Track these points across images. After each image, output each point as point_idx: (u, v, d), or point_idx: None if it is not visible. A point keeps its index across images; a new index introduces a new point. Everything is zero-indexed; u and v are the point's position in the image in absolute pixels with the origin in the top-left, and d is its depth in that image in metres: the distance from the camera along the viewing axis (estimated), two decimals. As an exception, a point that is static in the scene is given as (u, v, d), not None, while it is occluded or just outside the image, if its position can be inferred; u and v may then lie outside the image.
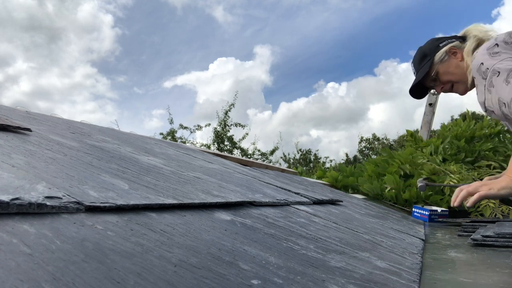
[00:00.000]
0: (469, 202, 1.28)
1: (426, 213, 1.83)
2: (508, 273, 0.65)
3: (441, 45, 1.64)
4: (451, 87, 1.63)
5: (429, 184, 1.97)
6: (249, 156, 10.50)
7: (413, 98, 1.72)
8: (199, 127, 10.82)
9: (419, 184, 1.91)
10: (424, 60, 1.68)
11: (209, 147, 9.38)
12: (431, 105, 4.37)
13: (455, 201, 1.33)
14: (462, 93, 1.62)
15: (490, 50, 1.34)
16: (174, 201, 0.51)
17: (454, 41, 1.63)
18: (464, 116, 3.33)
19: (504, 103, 1.28)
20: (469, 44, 1.55)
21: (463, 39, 1.61)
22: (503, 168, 2.46)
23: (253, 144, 11.14)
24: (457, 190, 1.35)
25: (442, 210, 1.87)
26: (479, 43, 1.51)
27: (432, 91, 1.71)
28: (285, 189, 1.07)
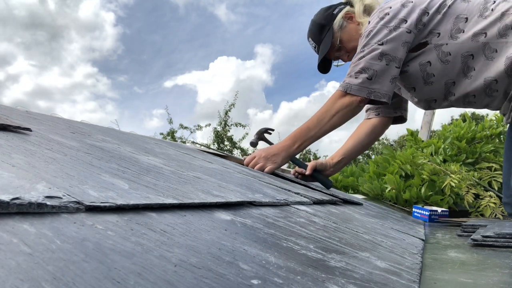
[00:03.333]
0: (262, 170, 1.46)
1: (426, 213, 1.83)
2: (508, 274, 0.65)
3: (334, 12, 1.65)
4: None
5: (260, 138, 1.87)
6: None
7: (322, 74, 1.72)
8: (199, 127, 10.82)
9: (251, 141, 1.89)
10: (323, 31, 1.65)
11: (209, 147, 9.39)
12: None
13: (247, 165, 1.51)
14: None
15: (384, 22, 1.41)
16: (174, 201, 0.51)
17: (344, 7, 1.65)
18: (464, 117, 3.33)
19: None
20: (358, 7, 1.61)
21: (349, 4, 1.65)
22: (504, 169, 2.46)
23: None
24: (245, 162, 1.53)
25: (442, 210, 1.87)
26: (365, 5, 1.59)
27: (335, 62, 1.71)
28: (285, 189, 1.07)
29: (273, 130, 1.90)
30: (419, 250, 0.83)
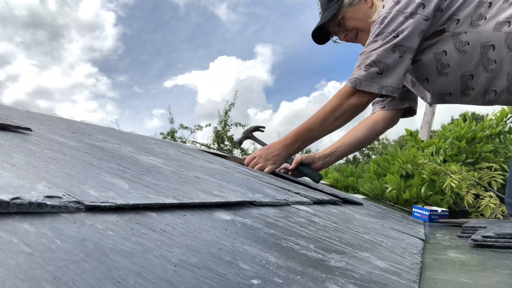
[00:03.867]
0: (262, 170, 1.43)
1: (426, 213, 1.83)
2: (508, 274, 0.65)
3: None
4: (355, 36, 1.52)
5: (246, 137, 1.84)
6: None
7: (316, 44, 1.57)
8: (199, 127, 10.82)
9: (237, 139, 1.87)
10: (332, 1, 1.52)
11: (209, 147, 9.39)
12: (431, 105, 4.37)
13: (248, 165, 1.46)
14: (364, 44, 1.49)
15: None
16: (174, 201, 0.51)
17: None
18: (464, 117, 3.33)
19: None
20: None
21: None
22: (504, 170, 2.46)
23: (253, 144, 11.12)
24: (245, 162, 1.49)
25: (442, 211, 1.87)
26: None
27: (334, 38, 1.58)
28: (285, 189, 1.07)
29: (264, 127, 1.85)
30: (419, 250, 0.83)
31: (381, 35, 1.29)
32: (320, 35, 1.57)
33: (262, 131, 1.89)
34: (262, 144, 1.81)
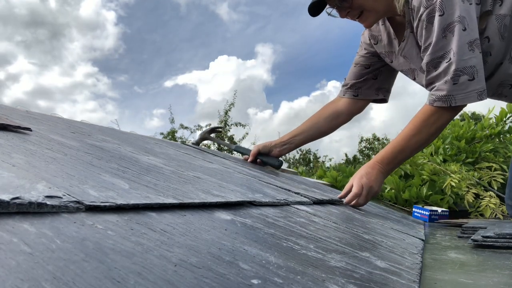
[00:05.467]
0: (353, 203, 1.25)
1: (426, 213, 1.83)
2: (508, 275, 0.65)
3: None
4: (359, 15, 1.29)
5: (204, 139, 1.85)
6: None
7: (311, 17, 1.34)
8: (199, 127, 10.82)
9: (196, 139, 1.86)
10: None
11: (209, 147, 9.39)
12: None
13: (341, 197, 1.26)
14: (369, 25, 1.33)
15: None
16: (174, 201, 0.51)
17: None
18: (462, 117, 3.32)
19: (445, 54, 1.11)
20: None
21: None
22: (504, 170, 2.46)
23: (253, 143, 11.13)
24: (346, 201, 1.25)
25: (442, 211, 1.87)
26: None
27: (329, 9, 1.32)
28: (285, 189, 1.07)
29: (221, 127, 1.84)
30: (419, 250, 0.83)
31: (449, 28, 1.10)
32: (317, 6, 1.33)
33: (220, 131, 1.90)
34: (220, 143, 1.86)
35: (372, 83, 1.59)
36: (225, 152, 3.07)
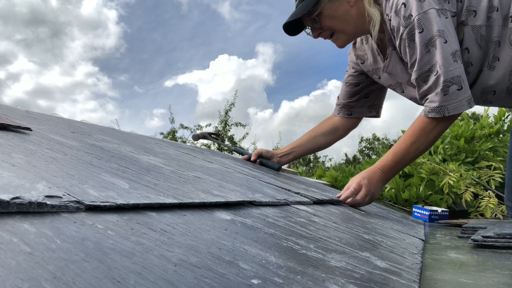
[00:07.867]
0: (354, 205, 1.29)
1: (426, 213, 1.83)
2: (508, 275, 0.65)
3: None
4: (329, 35, 1.35)
5: (203, 136, 1.96)
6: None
7: (288, 35, 1.40)
8: (199, 127, 10.82)
9: (192, 134, 1.99)
10: None
11: (209, 147, 9.38)
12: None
13: (340, 196, 1.29)
14: (341, 45, 1.37)
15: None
16: (174, 201, 0.51)
17: None
18: (462, 117, 3.32)
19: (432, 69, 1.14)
20: None
21: None
22: (503, 169, 2.46)
23: (253, 144, 11.13)
24: (346, 186, 1.31)
25: (442, 211, 1.87)
26: None
27: (307, 30, 1.40)
28: (285, 189, 1.07)
29: (219, 135, 1.98)
30: (419, 250, 0.83)
31: (430, 43, 1.13)
32: (294, 26, 1.37)
33: (216, 139, 2.02)
34: (220, 144, 2.01)
35: (364, 101, 1.67)
36: (225, 152, 3.11)
